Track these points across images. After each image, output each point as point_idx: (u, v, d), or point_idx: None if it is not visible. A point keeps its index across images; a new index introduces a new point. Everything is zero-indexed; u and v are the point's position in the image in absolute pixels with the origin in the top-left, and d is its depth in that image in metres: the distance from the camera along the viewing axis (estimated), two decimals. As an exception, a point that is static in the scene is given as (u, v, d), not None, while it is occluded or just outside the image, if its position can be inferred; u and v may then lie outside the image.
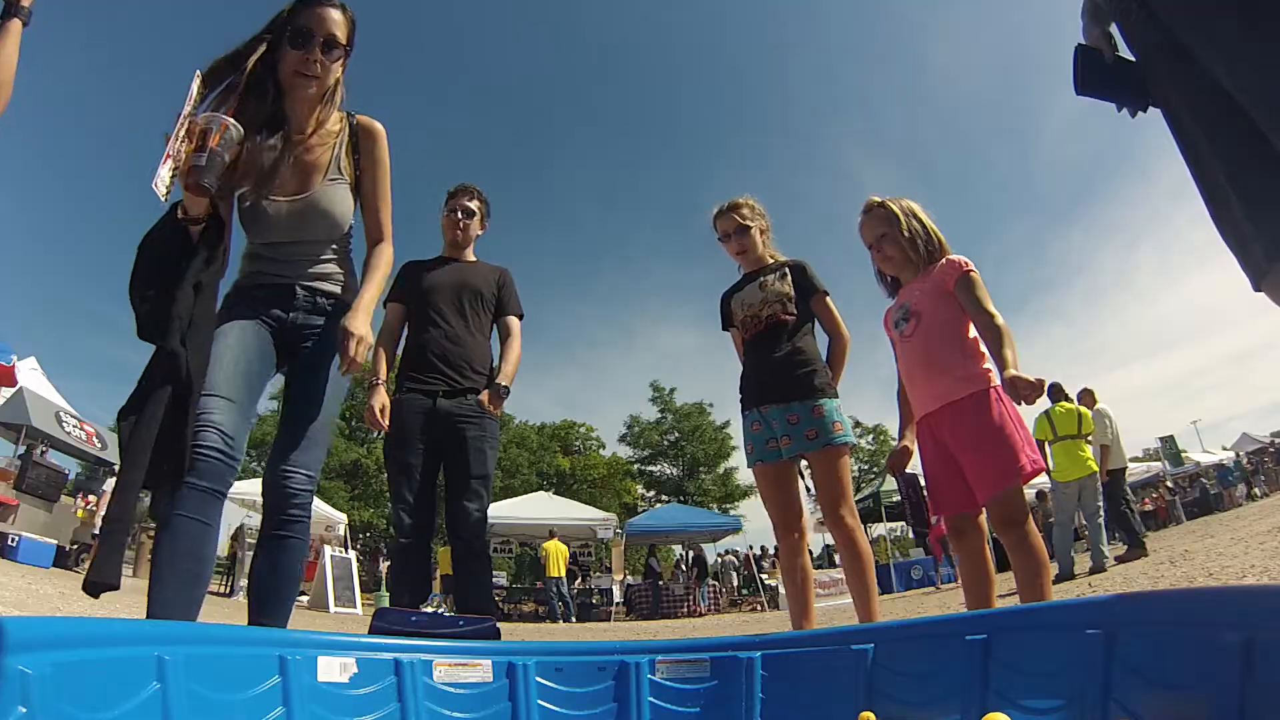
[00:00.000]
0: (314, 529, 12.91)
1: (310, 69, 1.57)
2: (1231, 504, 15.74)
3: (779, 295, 2.34)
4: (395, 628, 1.18)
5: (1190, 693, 0.66)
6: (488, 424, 2.44)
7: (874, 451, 34.88)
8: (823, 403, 2.19)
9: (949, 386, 1.91)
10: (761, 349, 2.34)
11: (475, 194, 2.72)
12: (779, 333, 2.32)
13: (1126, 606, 0.83)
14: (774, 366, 2.27)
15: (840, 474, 2.17)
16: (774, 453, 2.26)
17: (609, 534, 15.07)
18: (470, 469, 2.37)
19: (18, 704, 0.61)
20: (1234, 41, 0.93)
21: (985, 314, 1.87)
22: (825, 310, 2.38)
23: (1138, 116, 1.22)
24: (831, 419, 2.18)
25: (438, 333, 2.48)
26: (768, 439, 2.27)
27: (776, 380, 2.25)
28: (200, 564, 1.40)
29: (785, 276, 2.38)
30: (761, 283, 2.39)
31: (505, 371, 2.54)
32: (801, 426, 2.18)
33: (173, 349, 1.38)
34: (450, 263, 2.66)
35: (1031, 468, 1.79)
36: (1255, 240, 0.96)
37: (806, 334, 2.35)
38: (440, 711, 1.08)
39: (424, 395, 2.41)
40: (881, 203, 2.11)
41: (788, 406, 2.21)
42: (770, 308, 2.34)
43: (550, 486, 29.25)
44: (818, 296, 2.38)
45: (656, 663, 1.21)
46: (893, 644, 1.08)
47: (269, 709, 0.91)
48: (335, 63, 1.61)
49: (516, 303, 2.69)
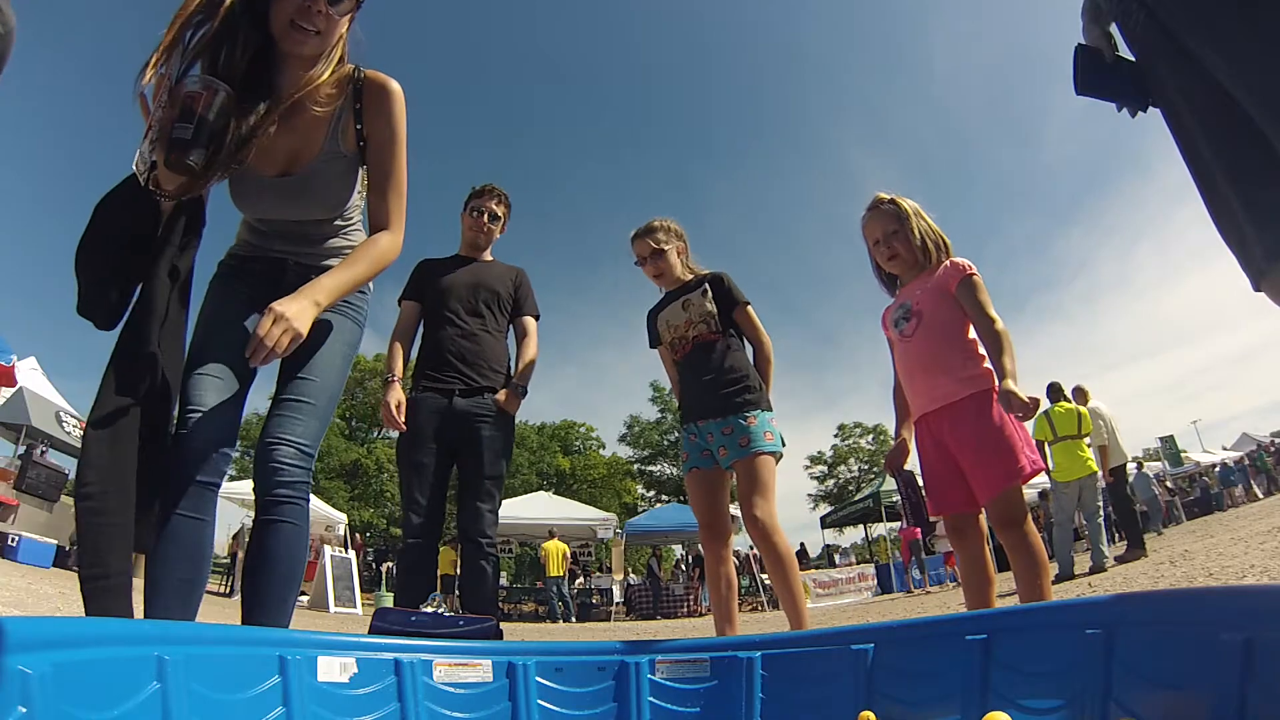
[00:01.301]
0: (314, 529, 12.97)
1: (311, 20, 1.28)
2: (1232, 504, 15.75)
3: (703, 314, 2.38)
4: (395, 628, 1.17)
5: (1190, 692, 0.66)
6: (504, 424, 2.43)
7: (874, 451, 34.90)
8: (755, 414, 2.24)
9: (950, 387, 1.91)
10: (693, 368, 2.38)
11: (501, 198, 2.71)
12: (708, 351, 2.35)
13: (1126, 606, 0.83)
14: (706, 385, 2.31)
15: (761, 473, 2.19)
16: (709, 460, 2.31)
17: (609, 534, 15.08)
18: (485, 469, 2.36)
19: (18, 704, 0.61)
20: (1235, 41, 0.93)
21: (986, 318, 1.88)
22: (747, 321, 2.42)
23: (1137, 116, 1.22)
24: (763, 429, 2.23)
25: (454, 331, 2.47)
26: (703, 449, 2.33)
27: (710, 397, 2.29)
28: (197, 568, 1.29)
29: (706, 293, 2.40)
30: (685, 302, 2.42)
31: (522, 372, 2.53)
32: (735, 436, 2.23)
33: (150, 351, 1.22)
34: (467, 262, 2.65)
35: (1031, 468, 1.80)
36: (1255, 241, 0.96)
37: (735, 349, 2.38)
38: (440, 711, 1.08)
39: (440, 394, 2.39)
40: (891, 199, 2.11)
41: (724, 420, 2.25)
42: (695, 328, 2.38)
43: (550, 486, 29.27)
44: (739, 309, 2.41)
45: (656, 663, 1.21)
46: (893, 644, 1.09)
47: (269, 709, 0.91)
48: (344, 16, 1.35)
49: (533, 303, 2.69)
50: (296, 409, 1.37)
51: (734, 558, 10.35)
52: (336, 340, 1.46)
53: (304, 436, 1.37)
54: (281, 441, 1.34)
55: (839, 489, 34.63)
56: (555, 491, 24.86)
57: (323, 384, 1.42)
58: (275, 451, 1.33)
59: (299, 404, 1.38)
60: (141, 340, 1.24)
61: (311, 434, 1.39)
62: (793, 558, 2.17)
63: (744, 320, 2.42)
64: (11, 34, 1.14)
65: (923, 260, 2.05)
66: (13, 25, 1.15)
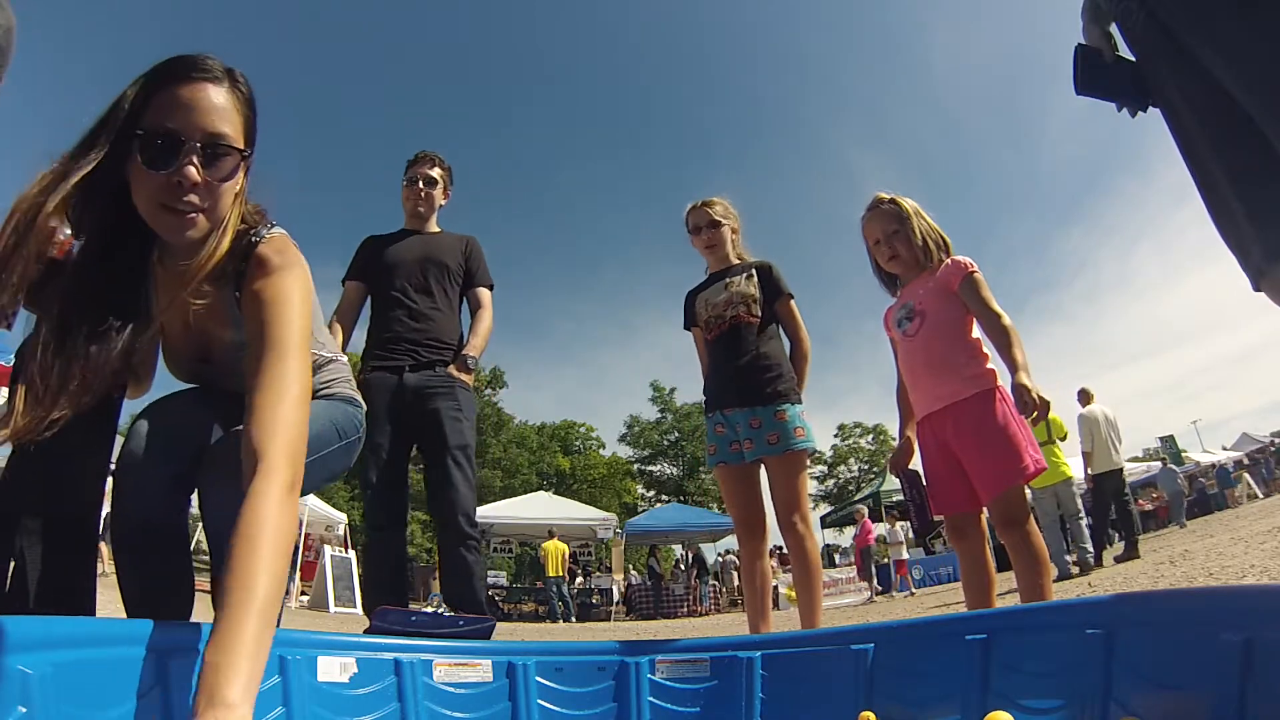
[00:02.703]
0: (314, 529, 12.99)
1: (178, 200, 0.93)
2: (1232, 504, 15.75)
3: (744, 296, 2.31)
4: (395, 628, 1.17)
5: (1190, 692, 0.66)
6: (461, 394, 2.29)
7: (874, 451, 34.94)
8: (785, 408, 2.17)
9: (953, 387, 1.91)
10: (725, 351, 2.31)
11: (436, 161, 2.56)
12: (742, 335, 2.29)
13: (1126, 606, 0.83)
14: (737, 369, 2.25)
15: (798, 481, 2.15)
16: (737, 455, 2.24)
17: (609, 534, 15.08)
18: (448, 439, 2.21)
19: (18, 704, 0.61)
20: (1235, 41, 0.93)
21: (992, 314, 1.87)
22: (789, 314, 2.36)
23: (1137, 116, 1.22)
24: (794, 424, 2.17)
25: (402, 311, 2.35)
26: (730, 441, 2.26)
27: (740, 383, 2.22)
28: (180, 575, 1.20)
29: (751, 277, 2.35)
30: (727, 283, 2.36)
31: (474, 343, 2.42)
32: (764, 431, 2.16)
33: None
34: (412, 235, 2.50)
35: (1035, 467, 1.80)
36: (1254, 240, 0.96)
37: (771, 337, 2.32)
38: (440, 711, 1.08)
39: (389, 372, 2.28)
40: (891, 199, 2.11)
41: (751, 410, 2.19)
42: (734, 309, 2.31)
43: (550, 486, 29.28)
44: (782, 300, 2.35)
45: (656, 663, 1.22)
46: (893, 644, 1.09)
47: (269, 709, 0.91)
48: (227, 181, 0.97)
49: (485, 273, 2.55)
50: None
51: (735, 557, 10.35)
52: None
53: None
54: None
55: (839, 489, 34.66)
56: (555, 491, 24.89)
57: None
58: None
59: None
60: None
61: None
62: (820, 566, 2.16)
63: (785, 313, 2.36)
64: (11, 32, 1.11)
65: (924, 260, 2.05)
66: (13, 24, 1.09)
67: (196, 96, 0.94)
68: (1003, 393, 1.87)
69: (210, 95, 0.95)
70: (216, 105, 0.95)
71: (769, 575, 2.26)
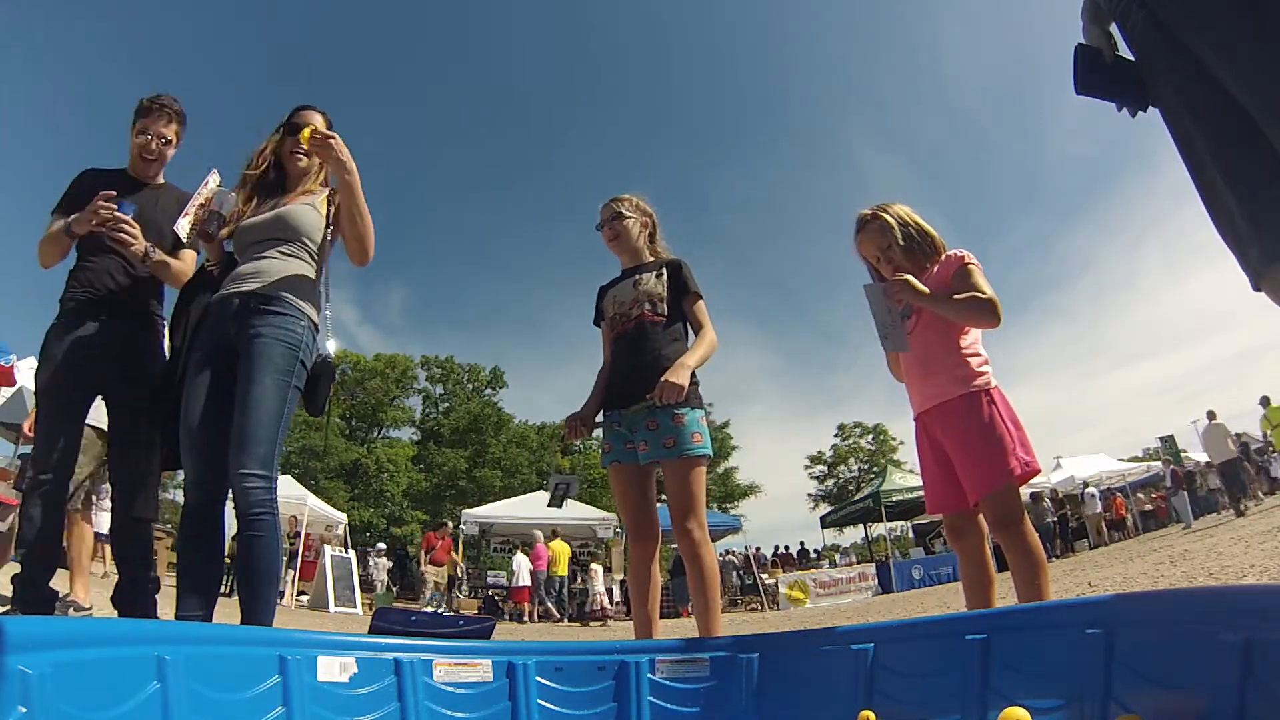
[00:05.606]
0: (314, 529, 12.99)
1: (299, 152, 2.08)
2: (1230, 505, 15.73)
3: (649, 295, 2.25)
4: (395, 628, 1.18)
5: (1190, 692, 0.66)
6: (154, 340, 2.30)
7: (874, 451, 34.91)
8: (684, 412, 2.10)
9: (942, 386, 1.92)
10: (628, 349, 2.25)
11: (173, 115, 2.34)
12: (647, 333, 2.23)
13: (1126, 606, 0.83)
14: (637, 369, 2.18)
15: (692, 485, 2.10)
16: (631, 455, 2.18)
17: (609, 534, 15.07)
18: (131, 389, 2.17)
19: (18, 704, 0.61)
20: (1235, 41, 0.93)
21: (980, 292, 1.85)
22: (695, 314, 2.29)
23: (1138, 116, 1.22)
24: (691, 430, 2.10)
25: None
26: (626, 441, 2.20)
27: (640, 384, 2.14)
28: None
29: (661, 275, 2.29)
30: (636, 280, 2.30)
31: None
32: (660, 434, 2.10)
33: None
34: (139, 186, 2.30)
35: (1022, 470, 1.79)
36: (1253, 241, 0.96)
37: (676, 338, 2.25)
38: (440, 711, 1.08)
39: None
40: (874, 214, 2.09)
41: (649, 412, 2.12)
42: (639, 307, 2.25)
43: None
44: (690, 298, 2.28)
45: (656, 662, 1.22)
46: (893, 644, 1.09)
47: (269, 709, 0.91)
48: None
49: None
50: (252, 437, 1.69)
51: (734, 557, 10.28)
52: (269, 369, 1.74)
53: (261, 464, 1.67)
54: (247, 471, 1.65)
55: (839, 489, 34.63)
56: (555, 491, 24.82)
57: (265, 412, 1.71)
58: (245, 481, 1.64)
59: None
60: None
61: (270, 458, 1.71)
62: (717, 573, 2.09)
63: (693, 312, 2.29)
64: None
65: (921, 261, 2.05)
66: None
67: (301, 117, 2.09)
68: (993, 395, 1.86)
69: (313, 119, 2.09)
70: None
71: (658, 580, 2.20)
